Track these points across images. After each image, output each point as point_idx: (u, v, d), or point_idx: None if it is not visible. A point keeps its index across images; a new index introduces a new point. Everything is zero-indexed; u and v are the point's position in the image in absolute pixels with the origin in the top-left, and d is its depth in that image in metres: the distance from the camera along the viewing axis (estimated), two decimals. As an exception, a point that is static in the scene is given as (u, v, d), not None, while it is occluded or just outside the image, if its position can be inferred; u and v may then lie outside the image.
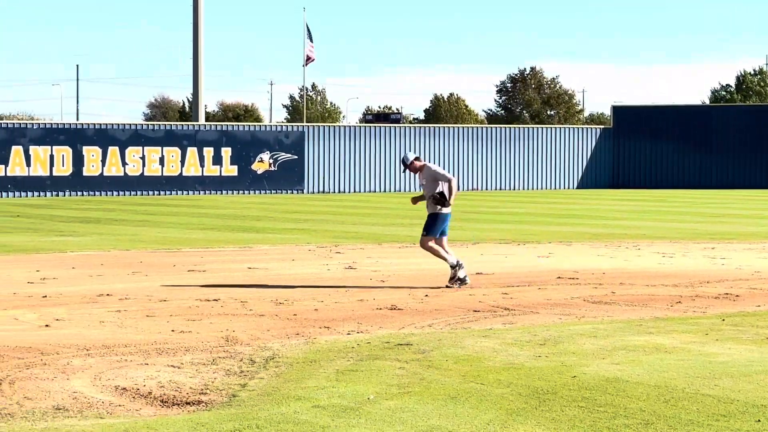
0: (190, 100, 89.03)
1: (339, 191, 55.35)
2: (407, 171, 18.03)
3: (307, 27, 67.33)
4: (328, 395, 9.33)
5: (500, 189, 58.87)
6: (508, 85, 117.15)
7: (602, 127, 63.89)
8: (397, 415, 8.68)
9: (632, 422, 8.55)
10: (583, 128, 63.11)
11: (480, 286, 17.46)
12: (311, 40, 67.81)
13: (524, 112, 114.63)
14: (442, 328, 13.32)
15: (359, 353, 11.35)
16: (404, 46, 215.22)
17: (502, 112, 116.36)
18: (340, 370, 10.42)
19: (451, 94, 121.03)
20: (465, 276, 17.32)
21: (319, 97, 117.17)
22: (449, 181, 17.67)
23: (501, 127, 61.45)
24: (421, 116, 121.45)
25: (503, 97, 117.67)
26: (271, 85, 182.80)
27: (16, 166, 49.38)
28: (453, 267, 17.31)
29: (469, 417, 8.64)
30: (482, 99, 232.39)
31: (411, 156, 17.96)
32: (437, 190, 17.54)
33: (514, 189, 59.26)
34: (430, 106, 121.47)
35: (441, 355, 11.20)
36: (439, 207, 17.56)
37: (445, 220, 17.70)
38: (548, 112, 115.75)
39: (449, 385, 9.76)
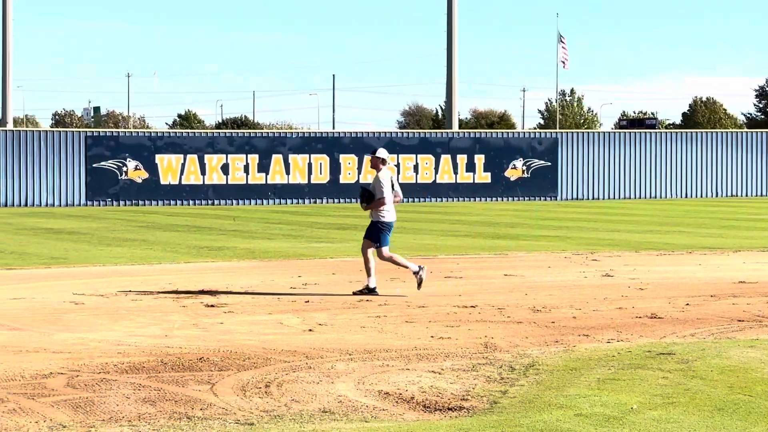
0: (443, 107, 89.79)
1: (593, 198, 54.80)
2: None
3: (559, 33, 67.11)
4: (590, 404, 9.24)
5: (761, 195, 57.07)
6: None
7: None
8: (662, 425, 8.52)
9: None
10: None
11: (743, 295, 16.96)
12: (563, 45, 67.56)
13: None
14: (705, 337, 13.01)
15: (620, 362, 11.19)
16: (661, 49, 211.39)
17: (762, 116, 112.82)
18: (602, 379, 10.30)
19: (708, 98, 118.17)
20: (375, 287, 17.07)
21: (576, 104, 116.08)
22: (379, 200, 17.15)
23: (761, 132, 59.57)
24: (678, 121, 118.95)
25: (763, 101, 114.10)
26: (524, 91, 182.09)
27: (276, 174, 50.86)
28: (369, 274, 17.12)
29: (737, 429, 8.40)
30: (741, 103, 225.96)
31: (385, 155, 17.55)
32: (369, 188, 17.32)
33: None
34: (687, 111, 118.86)
35: (705, 365, 10.93)
36: (361, 202, 17.43)
37: (390, 229, 17.30)
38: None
39: (715, 396, 9.52)
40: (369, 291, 17.06)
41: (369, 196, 17.25)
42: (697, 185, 56.66)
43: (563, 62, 67.80)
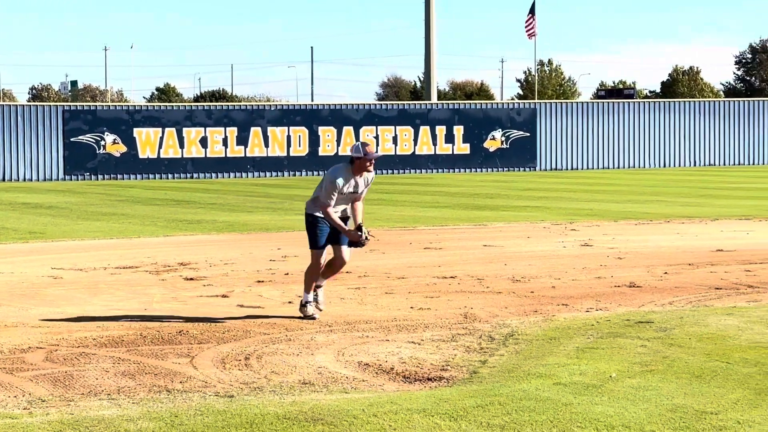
0: (422, 79, 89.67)
1: (571, 168, 54.87)
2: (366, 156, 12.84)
3: (534, 4, 67.18)
4: (569, 373, 9.27)
5: (739, 164, 57.25)
6: (748, 56, 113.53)
7: None
8: (641, 393, 8.55)
9: None
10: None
11: (721, 263, 17.03)
12: (532, 14, 67.72)
13: (766, 85, 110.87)
14: (683, 305, 13.06)
15: (599, 331, 11.23)
16: (641, 19, 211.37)
17: (741, 85, 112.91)
18: (581, 348, 10.33)
19: (691, 68, 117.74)
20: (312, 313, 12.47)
21: (554, 74, 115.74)
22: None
23: (740, 101, 59.67)
24: (658, 91, 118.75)
25: (741, 69, 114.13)
26: (502, 62, 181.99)
27: (255, 147, 50.75)
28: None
29: (715, 396, 8.44)
30: (719, 72, 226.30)
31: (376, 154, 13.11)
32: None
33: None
34: (668, 80, 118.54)
35: (683, 333, 10.97)
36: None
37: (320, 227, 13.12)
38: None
39: (693, 364, 9.56)
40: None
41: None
42: (675, 155, 56.78)
43: (529, 33, 68.03)
